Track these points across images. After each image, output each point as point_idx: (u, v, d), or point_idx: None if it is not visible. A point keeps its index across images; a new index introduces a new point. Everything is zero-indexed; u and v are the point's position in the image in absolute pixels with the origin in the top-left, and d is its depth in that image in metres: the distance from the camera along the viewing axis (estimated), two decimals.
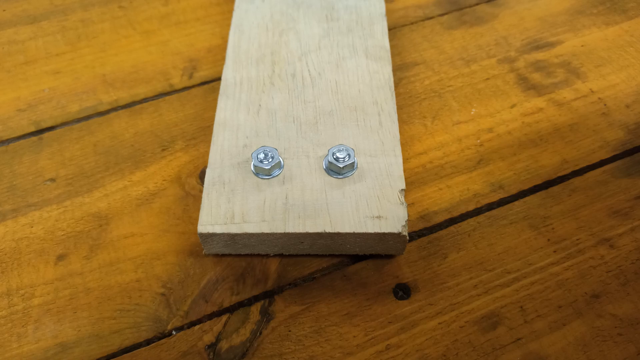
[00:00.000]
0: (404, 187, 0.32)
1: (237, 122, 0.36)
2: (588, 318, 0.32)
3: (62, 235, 0.36)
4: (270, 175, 0.33)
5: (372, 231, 0.30)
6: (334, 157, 0.33)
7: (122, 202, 0.37)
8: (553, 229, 0.35)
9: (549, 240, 0.35)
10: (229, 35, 0.42)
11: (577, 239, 0.35)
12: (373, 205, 0.31)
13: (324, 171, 0.33)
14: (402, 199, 0.31)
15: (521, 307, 0.32)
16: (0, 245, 0.36)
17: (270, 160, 0.32)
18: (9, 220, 0.37)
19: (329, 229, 0.31)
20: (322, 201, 0.32)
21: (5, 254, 0.35)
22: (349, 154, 0.33)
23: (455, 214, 0.36)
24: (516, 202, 0.37)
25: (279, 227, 0.31)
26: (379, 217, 0.31)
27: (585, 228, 0.35)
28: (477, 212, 0.36)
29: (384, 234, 0.31)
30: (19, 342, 0.32)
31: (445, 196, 0.37)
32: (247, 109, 0.37)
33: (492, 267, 0.34)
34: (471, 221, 0.36)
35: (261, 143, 0.35)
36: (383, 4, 0.44)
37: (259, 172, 0.33)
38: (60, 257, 0.35)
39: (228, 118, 0.36)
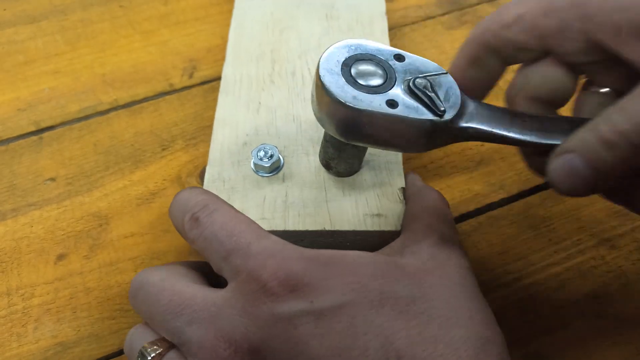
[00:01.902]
0: (403, 185, 0.32)
1: (237, 120, 0.36)
2: (588, 319, 0.32)
3: (62, 234, 0.36)
4: (270, 173, 0.33)
5: (372, 229, 0.30)
6: None
7: (122, 201, 0.37)
8: (554, 229, 0.35)
9: (549, 240, 0.35)
10: (229, 32, 0.42)
11: (578, 240, 0.35)
12: (373, 204, 0.31)
13: (323, 169, 0.33)
14: (402, 197, 0.31)
15: (522, 307, 0.32)
16: (0, 244, 0.35)
17: (270, 158, 0.32)
18: (9, 220, 0.37)
19: (328, 227, 0.31)
20: (322, 199, 0.32)
21: (5, 254, 0.35)
22: None
23: (456, 214, 0.36)
24: (517, 202, 0.37)
25: (278, 225, 0.31)
26: (378, 215, 0.31)
27: (586, 228, 0.35)
28: (477, 212, 0.36)
29: (383, 232, 0.31)
30: (19, 342, 0.31)
31: (446, 196, 0.37)
32: (247, 106, 0.37)
33: (493, 267, 0.34)
34: (472, 221, 0.36)
35: (261, 141, 0.35)
36: (383, 3, 0.44)
37: (258, 169, 0.33)
38: (60, 257, 0.35)
39: (228, 116, 0.36)
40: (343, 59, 0.26)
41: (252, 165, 0.33)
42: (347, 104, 0.25)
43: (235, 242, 0.24)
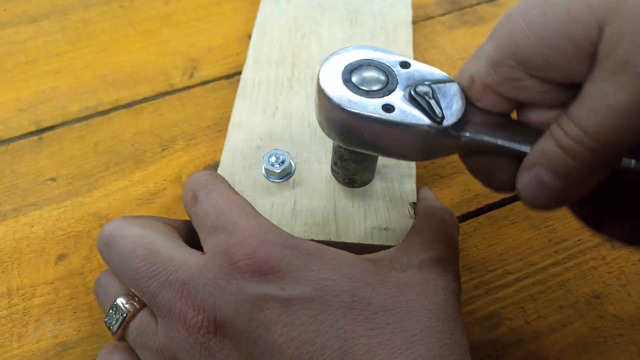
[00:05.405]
0: (415, 199, 0.32)
1: (253, 124, 0.35)
2: (589, 319, 0.32)
3: (62, 235, 0.36)
4: (280, 179, 0.32)
5: (378, 243, 0.30)
6: None
7: (123, 202, 0.37)
8: (554, 229, 0.35)
9: (550, 240, 0.35)
10: (251, 35, 0.42)
11: (578, 240, 0.35)
12: (381, 217, 0.31)
13: (334, 178, 0.33)
14: (412, 212, 0.31)
15: (522, 307, 0.32)
16: (0, 245, 0.36)
17: (281, 164, 0.32)
18: (10, 220, 0.37)
19: (334, 238, 0.30)
20: (330, 209, 0.31)
21: (6, 254, 0.35)
22: None
23: (457, 214, 0.36)
24: (517, 202, 0.37)
25: None
26: (386, 229, 0.30)
27: (586, 228, 0.35)
28: (478, 212, 0.36)
29: (390, 246, 0.30)
30: (20, 342, 0.32)
31: (447, 196, 0.37)
32: (263, 110, 0.36)
33: (494, 267, 0.34)
34: (472, 221, 0.36)
35: (275, 146, 0.34)
36: (410, 12, 0.43)
37: (269, 175, 0.32)
38: (61, 257, 0.35)
39: (244, 119, 0.36)
40: (345, 64, 0.26)
41: (263, 170, 0.33)
42: (342, 107, 0.25)
43: (222, 220, 0.25)
